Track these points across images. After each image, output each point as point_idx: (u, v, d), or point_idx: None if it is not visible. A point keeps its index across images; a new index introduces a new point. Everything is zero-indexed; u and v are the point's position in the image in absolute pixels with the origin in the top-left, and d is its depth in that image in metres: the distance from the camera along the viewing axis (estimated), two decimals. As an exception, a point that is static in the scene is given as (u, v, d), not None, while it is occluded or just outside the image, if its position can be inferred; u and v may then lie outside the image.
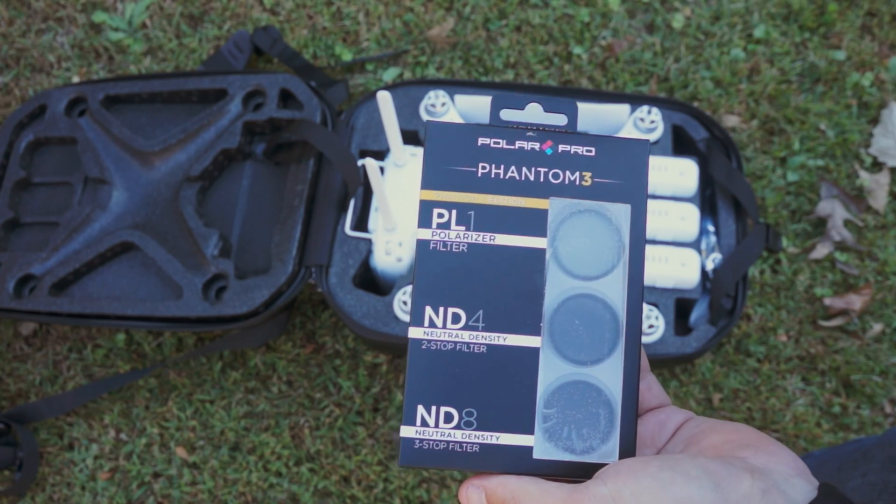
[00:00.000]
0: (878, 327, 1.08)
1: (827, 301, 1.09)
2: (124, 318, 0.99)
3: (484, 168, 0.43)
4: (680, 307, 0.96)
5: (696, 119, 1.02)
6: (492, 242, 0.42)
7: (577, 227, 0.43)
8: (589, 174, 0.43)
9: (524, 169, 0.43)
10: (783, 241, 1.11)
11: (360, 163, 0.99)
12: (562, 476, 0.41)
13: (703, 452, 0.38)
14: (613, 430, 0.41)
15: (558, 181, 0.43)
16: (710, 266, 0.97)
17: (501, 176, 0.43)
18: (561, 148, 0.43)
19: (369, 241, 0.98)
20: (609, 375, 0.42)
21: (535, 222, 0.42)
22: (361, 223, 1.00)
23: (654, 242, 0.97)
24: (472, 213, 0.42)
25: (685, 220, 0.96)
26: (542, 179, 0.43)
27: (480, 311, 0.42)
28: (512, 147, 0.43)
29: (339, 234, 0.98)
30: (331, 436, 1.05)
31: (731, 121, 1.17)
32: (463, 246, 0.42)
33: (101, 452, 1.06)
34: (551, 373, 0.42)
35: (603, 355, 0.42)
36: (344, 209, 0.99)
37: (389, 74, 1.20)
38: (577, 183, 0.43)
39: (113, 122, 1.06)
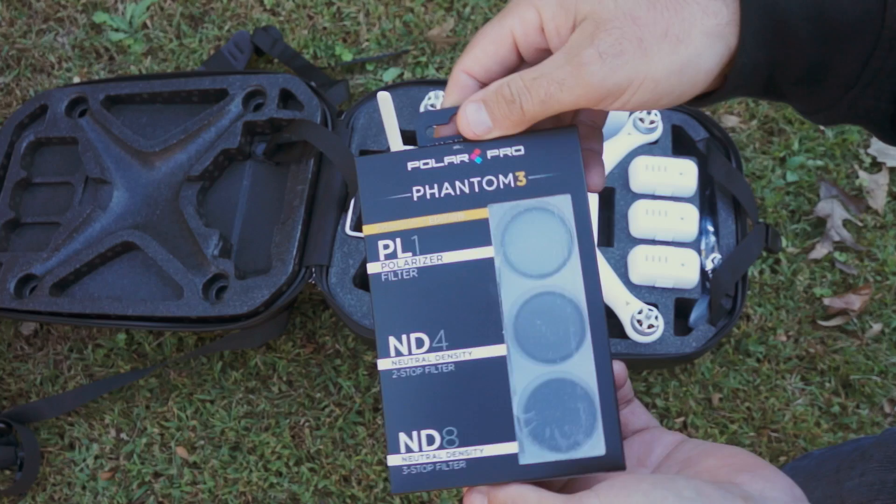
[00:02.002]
0: (877, 327, 1.08)
1: (826, 301, 1.09)
2: (125, 318, 0.99)
3: (419, 191, 0.43)
4: (679, 307, 0.96)
5: (696, 119, 1.02)
6: (440, 262, 0.43)
7: (522, 228, 0.43)
8: (522, 173, 0.43)
9: (457, 183, 0.43)
10: (782, 241, 1.11)
11: (360, 163, 0.99)
12: (553, 476, 0.41)
13: (698, 475, 0.39)
14: (595, 421, 0.41)
15: (493, 187, 0.43)
16: (709, 266, 0.97)
17: (437, 195, 0.43)
18: (490, 154, 0.43)
19: (369, 241, 0.98)
20: (581, 368, 0.42)
21: (478, 233, 0.43)
22: (361, 223, 1.00)
23: (653, 242, 0.97)
24: (416, 237, 0.43)
25: (684, 220, 0.96)
26: (476, 189, 0.43)
27: (442, 332, 0.42)
28: (442, 164, 0.43)
29: (339, 234, 0.98)
30: (331, 435, 1.06)
31: (730, 121, 1.17)
32: (413, 272, 0.43)
33: (102, 452, 1.06)
34: (524, 376, 0.42)
35: (571, 349, 0.42)
36: (344, 209, 0.99)
37: (389, 75, 1.20)
38: (513, 185, 0.43)
39: (113, 123, 1.07)
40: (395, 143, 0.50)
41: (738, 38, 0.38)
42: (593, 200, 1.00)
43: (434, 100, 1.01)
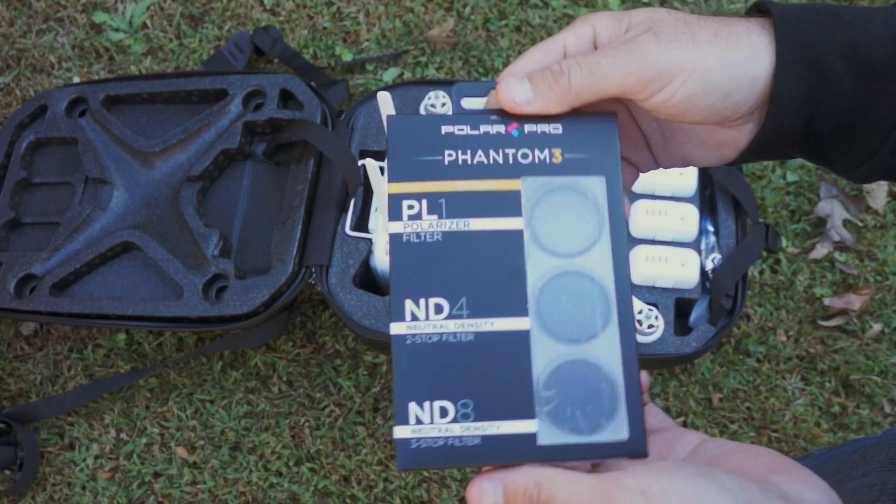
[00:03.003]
0: (877, 327, 1.08)
1: (826, 301, 1.09)
2: (125, 318, 0.99)
3: (450, 155, 0.42)
4: (679, 307, 0.96)
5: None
6: (466, 228, 0.41)
7: (554, 205, 0.42)
8: (559, 150, 0.42)
9: (492, 152, 0.42)
10: (783, 241, 1.11)
11: (360, 163, 0.99)
12: (571, 460, 0.39)
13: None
14: (618, 405, 0.39)
15: (528, 161, 0.42)
16: (709, 266, 0.97)
17: (469, 161, 0.42)
18: (527, 128, 0.42)
19: (369, 241, 0.98)
20: (606, 350, 0.40)
21: (508, 204, 0.41)
22: (361, 223, 1.00)
23: (653, 242, 0.97)
24: (443, 200, 0.41)
25: (685, 220, 0.96)
26: (511, 161, 0.42)
27: (463, 299, 0.40)
28: (477, 132, 0.42)
29: (339, 234, 0.98)
30: (331, 436, 1.06)
31: (730, 121, 1.17)
32: (437, 235, 0.41)
33: (102, 452, 1.06)
34: (545, 355, 0.40)
35: (596, 331, 0.40)
36: (344, 209, 0.99)
37: (389, 75, 1.20)
38: (548, 161, 0.42)
39: (113, 123, 1.07)
40: None
41: (775, 68, 0.39)
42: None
43: (434, 100, 1.01)
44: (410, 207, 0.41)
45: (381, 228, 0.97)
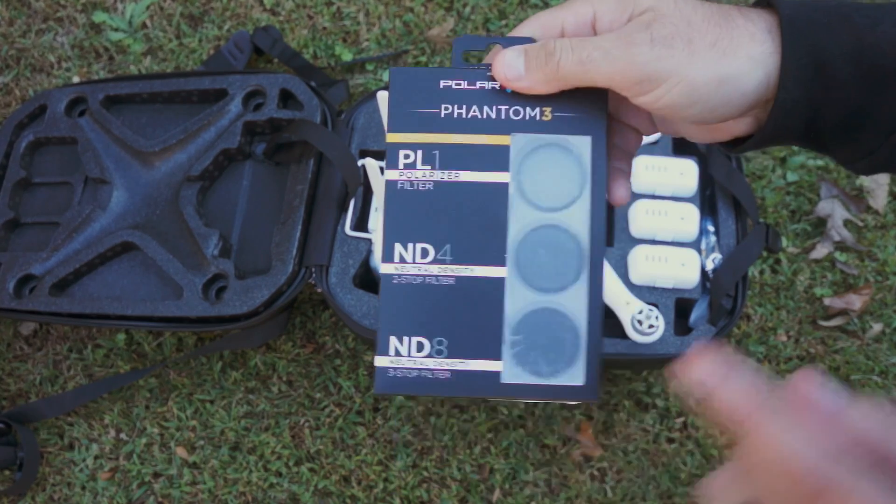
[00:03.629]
0: (877, 327, 1.08)
1: (827, 301, 1.09)
2: (124, 318, 0.99)
3: (447, 109, 0.44)
4: (680, 307, 0.96)
5: (696, 119, 1.02)
6: (456, 179, 0.44)
7: (540, 161, 0.44)
8: (549, 109, 0.44)
9: (485, 108, 0.44)
10: (783, 241, 1.11)
11: (360, 163, 0.99)
12: (530, 398, 0.43)
13: None
14: (579, 352, 0.43)
15: (519, 117, 0.44)
16: (709, 266, 0.97)
17: (464, 115, 0.44)
18: None
19: (369, 241, 0.98)
20: (574, 301, 0.43)
21: (497, 158, 0.44)
22: (361, 223, 1.00)
23: (653, 242, 0.97)
24: (437, 152, 0.44)
25: (685, 220, 0.96)
26: (503, 117, 0.44)
27: (448, 246, 0.43)
28: (473, 87, 0.44)
29: (339, 234, 0.98)
30: (331, 436, 1.06)
31: (730, 121, 1.17)
32: (429, 184, 0.44)
33: (102, 452, 1.06)
34: (518, 301, 0.43)
35: (567, 283, 0.43)
36: (344, 209, 0.99)
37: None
38: (538, 118, 0.44)
39: (113, 123, 1.07)
40: None
41: (779, 72, 0.39)
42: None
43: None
44: (406, 157, 0.44)
45: (380, 228, 0.97)
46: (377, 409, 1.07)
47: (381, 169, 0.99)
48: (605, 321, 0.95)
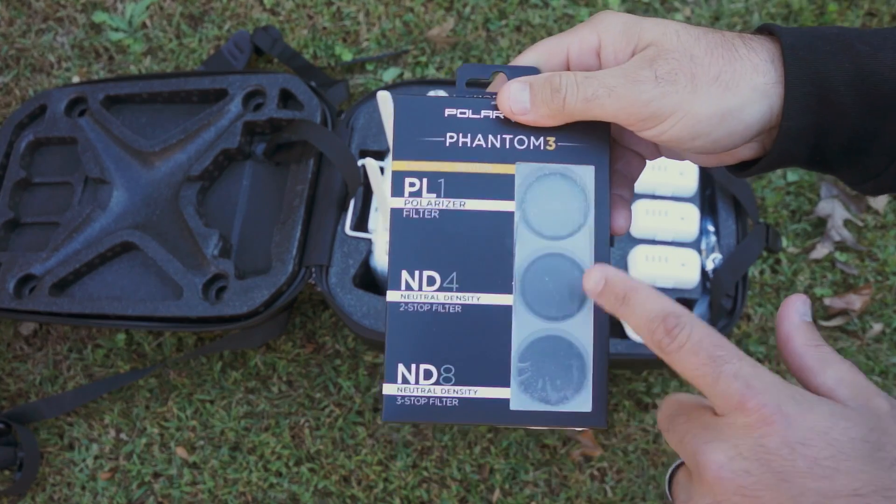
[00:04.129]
0: (877, 327, 1.08)
1: (827, 301, 1.09)
2: (124, 318, 0.99)
3: (452, 137, 0.44)
4: (680, 307, 0.96)
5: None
6: (462, 208, 0.44)
7: (544, 190, 0.44)
8: (553, 139, 0.44)
9: (490, 136, 0.44)
10: (783, 241, 1.11)
11: (360, 163, 0.99)
12: (539, 426, 0.43)
13: None
14: (586, 379, 0.43)
15: (523, 147, 0.44)
16: (709, 266, 0.97)
17: (469, 144, 0.44)
18: None
19: (369, 241, 0.98)
20: (580, 329, 0.44)
21: (502, 187, 0.44)
22: (361, 223, 1.00)
23: (653, 242, 0.97)
24: (442, 180, 0.44)
25: (685, 220, 0.96)
26: (507, 146, 0.44)
27: (454, 273, 0.43)
28: (478, 116, 0.44)
29: (339, 234, 0.98)
30: (331, 436, 1.06)
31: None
32: (435, 212, 0.44)
33: (102, 452, 1.06)
34: (524, 329, 0.43)
35: (573, 310, 0.44)
36: (344, 209, 0.99)
37: (389, 74, 1.20)
38: (542, 147, 0.44)
39: (113, 123, 1.07)
40: None
41: (783, 101, 0.39)
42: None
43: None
44: (412, 185, 0.44)
45: (380, 228, 0.97)
46: (377, 409, 1.07)
47: (381, 169, 0.99)
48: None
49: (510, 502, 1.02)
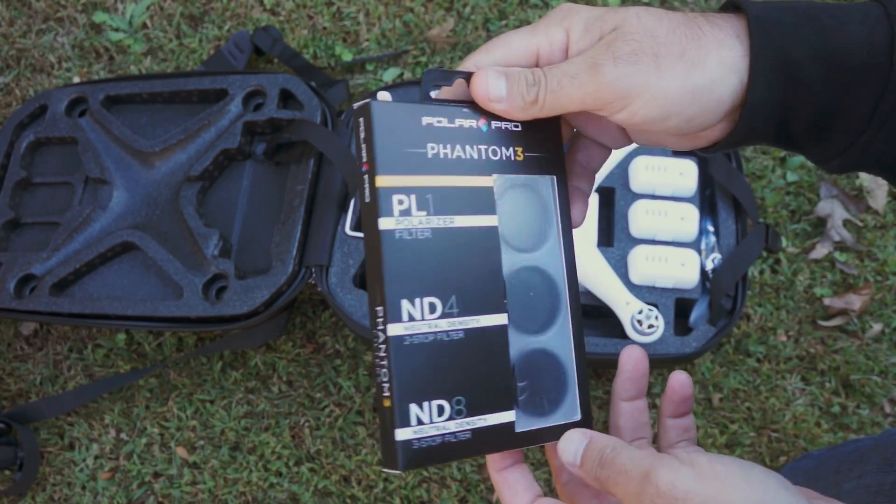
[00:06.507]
0: (877, 327, 1.08)
1: (826, 301, 1.09)
2: (125, 318, 0.99)
3: (433, 149, 0.41)
4: (679, 307, 0.96)
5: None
6: (451, 225, 0.41)
7: (513, 202, 0.43)
8: (520, 149, 0.43)
9: (467, 147, 0.42)
10: (783, 241, 1.11)
11: (359, 163, 0.99)
12: (542, 443, 0.42)
13: None
14: (571, 389, 0.43)
15: (497, 157, 0.43)
16: (709, 266, 0.97)
17: (449, 156, 0.41)
18: (493, 125, 0.43)
19: (369, 242, 0.98)
20: (558, 339, 0.43)
21: (484, 201, 0.42)
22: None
23: (653, 242, 0.97)
24: (430, 196, 0.40)
25: (685, 220, 0.96)
26: (483, 157, 0.42)
27: (453, 297, 0.40)
28: (453, 125, 0.42)
29: (339, 234, 0.98)
30: (331, 436, 1.06)
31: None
32: (426, 231, 0.40)
33: (102, 452, 1.06)
34: (516, 346, 0.42)
35: (550, 321, 0.43)
36: (344, 209, 0.99)
37: (389, 74, 1.20)
38: (513, 158, 0.43)
39: (113, 123, 1.07)
40: None
41: (749, 74, 0.39)
42: (593, 200, 1.00)
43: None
44: (401, 203, 0.40)
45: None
46: (377, 409, 1.07)
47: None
48: (606, 321, 0.96)
49: (510, 502, 1.02)
